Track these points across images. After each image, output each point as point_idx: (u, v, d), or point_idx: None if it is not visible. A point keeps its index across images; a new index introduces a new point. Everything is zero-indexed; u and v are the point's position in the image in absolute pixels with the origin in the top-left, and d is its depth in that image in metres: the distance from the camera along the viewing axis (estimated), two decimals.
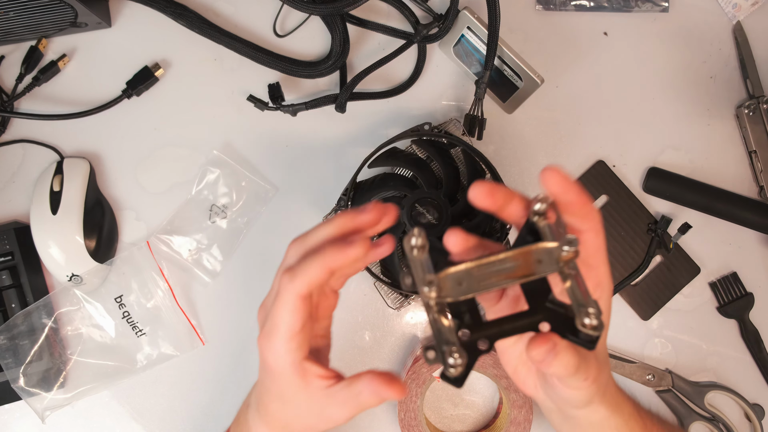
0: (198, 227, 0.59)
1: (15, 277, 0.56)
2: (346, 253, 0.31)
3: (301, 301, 0.32)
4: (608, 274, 0.34)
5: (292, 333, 0.32)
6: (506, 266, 0.30)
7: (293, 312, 0.32)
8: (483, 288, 0.30)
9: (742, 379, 0.60)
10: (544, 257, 0.30)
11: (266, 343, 0.33)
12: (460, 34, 0.58)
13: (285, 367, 0.33)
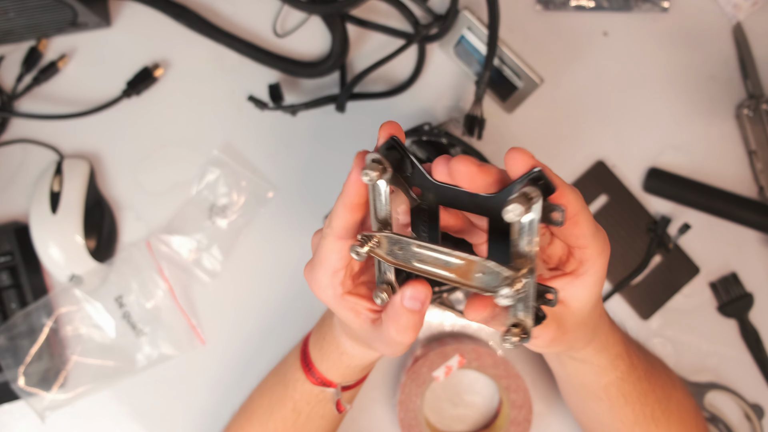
0: (198, 227, 0.59)
1: (15, 277, 0.56)
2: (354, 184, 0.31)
3: (340, 242, 0.33)
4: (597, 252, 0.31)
5: (334, 269, 0.34)
6: (448, 262, 0.29)
7: (333, 252, 0.33)
8: (416, 269, 0.30)
9: (742, 379, 0.60)
10: (488, 276, 0.28)
11: (310, 275, 0.35)
12: (460, 35, 0.58)
13: (328, 299, 0.35)
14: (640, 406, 0.42)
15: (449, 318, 0.60)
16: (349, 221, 0.33)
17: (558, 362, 0.42)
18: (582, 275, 0.32)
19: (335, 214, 0.33)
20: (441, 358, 0.55)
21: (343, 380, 0.43)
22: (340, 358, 0.42)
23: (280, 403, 0.45)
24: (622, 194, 0.60)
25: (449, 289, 0.56)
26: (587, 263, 0.32)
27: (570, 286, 0.32)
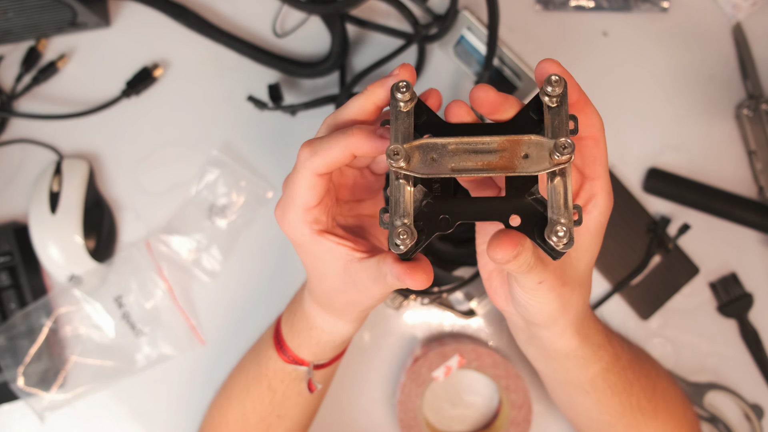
0: (197, 227, 0.59)
1: (14, 277, 0.56)
2: (373, 144, 0.30)
3: (317, 178, 0.31)
4: (606, 188, 0.32)
5: (307, 207, 0.32)
6: (488, 152, 0.27)
7: (309, 188, 0.31)
8: (455, 171, 0.27)
9: (742, 379, 0.60)
10: (533, 153, 0.27)
11: (281, 215, 0.33)
12: (460, 35, 0.58)
13: (304, 239, 0.33)
14: (626, 397, 0.42)
15: (449, 318, 0.60)
16: (342, 160, 0.31)
17: (544, 360, 0.42)
18: (588, 213, 0.32)
19: (327, 147, 0.30)
20: (441, 358, 0.55)
21: (314, 358, 0.42)
22: (309, 333, 0.40)
23: (255, 381, 0.44)
24: (621, 194, 0.60)
25: (449, 289, 0.56)
26: (595, 199, 0.32)
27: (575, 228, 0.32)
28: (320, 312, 0.39)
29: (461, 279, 0.56)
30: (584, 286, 0.35)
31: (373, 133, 0.30)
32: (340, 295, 0.35)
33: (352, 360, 0.60)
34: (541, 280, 0.31)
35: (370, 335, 0.60)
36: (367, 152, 0.30)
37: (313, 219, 0.33)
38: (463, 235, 0.57)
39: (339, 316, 0.39)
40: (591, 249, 0.34)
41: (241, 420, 0.45)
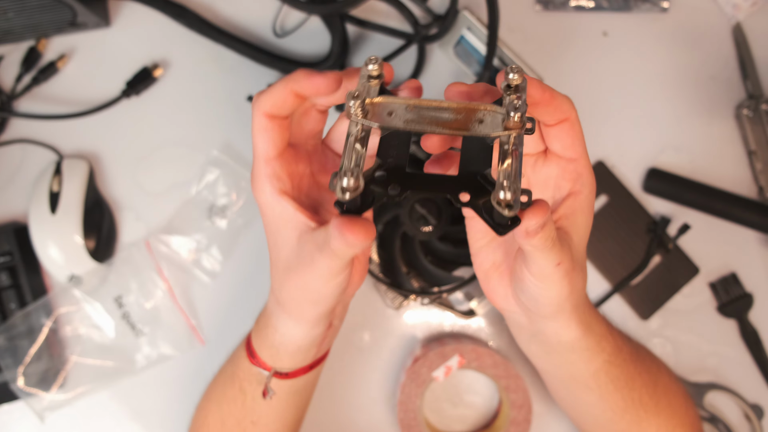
0: (197, 227, 0.59)
1: (14, 277, 0.56)
2: (312, 80, 0.31)
3: (267, 119, 0.32)
4: (588, 167, 0.33)
5: (266, 157, 0.32)
6: (444, 113, 0.28)
7: (261, 131, 0.32)
8: (409, 125, 0.28)
9: (742, 379, 0.60)
10: (488, 119, 0.28)
11: (252, 178, 0.34)
12: (460, 35, 0.58)
13: (266, 198, 0.33)
14: (628, 392, 0.41)
15: (449, 318, 0.60)
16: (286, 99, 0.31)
17: (547, 357, 0.41)
18: (579, 192, 0.33)
19: (271, 89, 0.32)
20: (441, 358, 0.55)
21: (272, 362, 0.40)
22: (266, 333, 0.39)
23: (230, 381, 0.43)
24: (621, 194, 0.60)
25: (449, 289, 0.56)
26: (582, 178, 0.33)
27: (570, 210, 0.33)
28: (275, 308, 0.38)
29: (461, 279, 0.56)
30: (583, 270, 0.35)
31: (314, 72, 0.31)
32: (291, 276, 0.34)
33: (352, 360, 0.60)
34: (560, 260, 0.31)
35: (370, 335, 0.60)
36: (306, 88, 0.31)
37: (273, 173, 0.33)
38: (463, 236, 0.57)
39: (290, 312, 0.37)
40: (587, 227, 0.34)
41: (219, 422, 0.45)
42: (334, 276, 0.32)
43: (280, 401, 0.43)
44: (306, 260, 0.32)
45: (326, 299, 0.34)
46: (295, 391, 0.43)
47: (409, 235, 0.55)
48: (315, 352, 0.40)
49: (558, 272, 0.32)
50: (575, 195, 0.33)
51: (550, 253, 0.30)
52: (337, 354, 0.59)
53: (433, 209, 0.54)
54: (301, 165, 0.35)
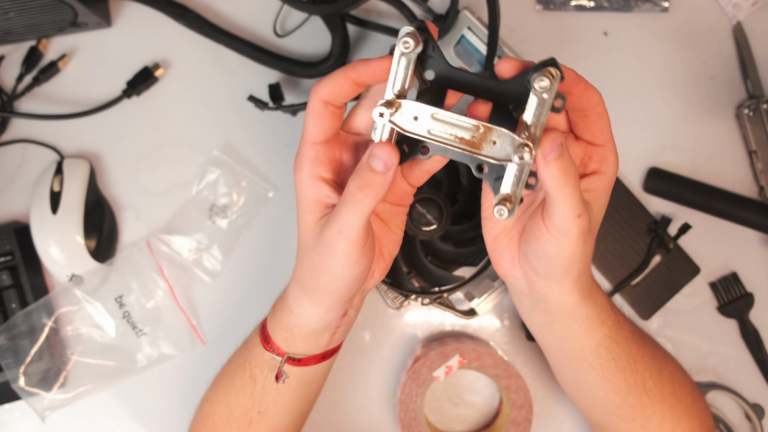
0: (198, 227, 0.59)
1: (15, 277, 0.56)
2: (370, 66, 0.32)
3: (322, 104, 0.34)
4: (614, 151, 0.36)
5: (313, 139, 0.35)
6: (464, 129, 0.31)
7: (314, 115, 0.34)
8: (430, 137, 0.31)
9: (742, 379, 0.60)
10: (500, 142, 0.30)
11: (297, 155, 0.36)
12: (460, 34, 0.58)
13: (303, 178, 0.35)
14: (631, 373, 0.42)
15: (450, 318, 0.60)
16: (344, 87, 0.33)
17: (548, 329, 0.42)
18: (605, 173, 0.35)
19: (330, 76, 0.33)
20: (441, 358, 0.55)
21: (287, 346, 0.40)
22: (282, 314, 0.40)
23: (240, 369, 0.44)
24: (622, 194, 0.60)
25: (450, 289, 0.56)
26: (608, 162, 0.35)
27: (592, 186, 0.35)
28: (294, 290, 0.39)
29: (462, 279, 0.56)
30: (593, 242, 0.37)
31: (371, 59, 0.33)
32: (310, 256, 0.36)
33: (353, 360, 0.60)
34: (581, 213, 0.33)
35: (371, 335, 0.60)
36: (365, 75, 0.33)
37: (315, 157, 0.35)
38: (464, 236, 0.57)
39: (307, 294, 0.38)
40: (605, 204, 0.36)
41: (225, 411, 0.45)
42: (351, 257, 0.34)
43: (290, 391, 0.43)
44: (325, 241, 0.34)
45: (342, 283, 0.36)
46: (305, 382, 0.43)
47: (410, 235, 0.55)
48: (328, 339, 0.41)
49: (577, 227, 0.33)
50: (600, 174, 0.36)
51: (572, 199, 0.32)
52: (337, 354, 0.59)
53: (433, 209, 0.54)
54: (346, 154, 0.37)
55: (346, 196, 0.32)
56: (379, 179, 0.32)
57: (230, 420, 0.45)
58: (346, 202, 0.32)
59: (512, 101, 0.32)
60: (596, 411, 0.46)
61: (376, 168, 0.31)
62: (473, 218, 0.56)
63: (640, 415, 0.43)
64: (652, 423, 0.43)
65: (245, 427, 0.44)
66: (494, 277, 0.57)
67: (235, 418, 0.44)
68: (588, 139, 0.36)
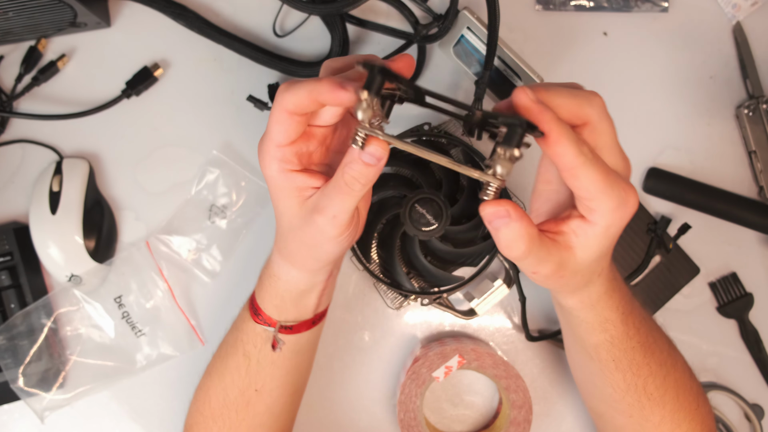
0: (197, 227, 0.59)
1: (14, 277, 0.56)
2: (335, 94, 0.32)
3: (286, 115, 0.34)
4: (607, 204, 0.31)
5: (278, 143, 0.35)
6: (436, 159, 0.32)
7: (278, 123, 0.34)
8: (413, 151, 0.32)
9: (742, 379, 0.60)
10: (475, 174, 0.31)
11: (259, 148, 0.36)
12: (460, 34, 0.58)
13: (271, 173, 0.36)
14: (631, 376, 0.42)
15: (449, 318, 0.60)
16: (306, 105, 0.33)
17: (560, 311, 0.43)
18: (594, 224, 0.32)
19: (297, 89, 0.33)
20: (441, 358, 0.55)
21: (278, 315, 0.42)
22: (269, 283, 0.42)
23: (233, 349, 0.45)
24: None
25: (449, 289, 0.56)
26: (595, 214, 0.32)
27: (580, 230, 0.33)
28: (278, 258, 0.41)
29: (461, 279, 0.56)
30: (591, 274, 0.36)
31: (339, 84, 0.32)
32: (295, 235, 0.37)
33: (352, 360, 0.60)
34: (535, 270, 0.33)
35: (371, 335, 0.60)
36: (328, 100, 0.32)
37: (283, 157, 0.35)
38: (464, 236, 0.57)
39: (292, 262, 0.40)
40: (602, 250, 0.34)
41: (222, 395, 0.45)
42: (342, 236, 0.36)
43: (284, 361, 0.44)
44: (307, 221, 0.36)
45: (331, 255, 0.38)
46: (298, 351, 0.44)
47: (409, 235, 0.55)
48: (316, 302, 0.43)
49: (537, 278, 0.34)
50: (587, 222, 0.33)
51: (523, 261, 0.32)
52: (337, 354, 0.59)
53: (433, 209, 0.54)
54: (312, 144, 0.37)
55: (340, 185, 0.33)
56: (372, 171, 0.33)
57: (227, 402, 0.45)
58: (340, 190, 0.34)
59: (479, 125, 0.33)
60: (595, 398, 0.47)
61: (368, 162, 0.32)
62: (473, 218, 0.56)
63: (638, 414, 0.43)
64: (649, 423, 0.44)
65: (243, 408, 0.45)
66: (494, 278, 0.57)
67: (232, 400, 0.45)
68: (576, 193, 0.32)
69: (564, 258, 0.33)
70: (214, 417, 0.46)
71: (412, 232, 0.54)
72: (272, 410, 0.46)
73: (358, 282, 0.59)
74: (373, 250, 0.57)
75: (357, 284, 0.59)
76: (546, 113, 0.29)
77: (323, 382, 0.59)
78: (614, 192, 0.31)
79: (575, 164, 0.30)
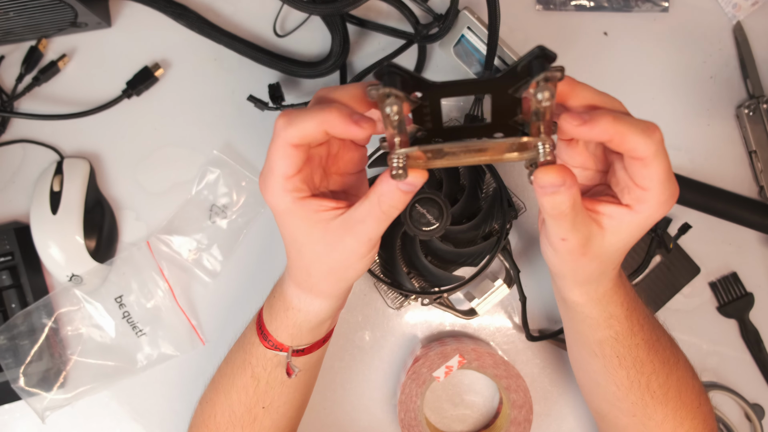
0: (198, 227, 0.59)
1: (15, 277, 0.56)
2: (348, 128, 0.31)
3: (292, 149, 0.32)
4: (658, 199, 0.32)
5: (285, 176, 0.33)
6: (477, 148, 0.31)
7: (284, 158, 0.32)
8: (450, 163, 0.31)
9: (742, 379, 0.60)
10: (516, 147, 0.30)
11: (263, 184, 0.34)
12: (460, 34, 0.58)
13: (285, 206, 0.34)
14: (635, 373, 0.42)
15: (449, 318, 0.60)
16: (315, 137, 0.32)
17: (563, 307, 0.43)
18: (638, 213, 0.33)
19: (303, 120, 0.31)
20: (441, 358, 0.55)
21: (292, 342, 0.41)
22: (286, 314, 0.40)
23: (240, 370, 0.44)
24: None
25: (450, 289, 0.56)
26: (644, 205, 0.33)
27: (616, 215, 0.33)
28: (296, 291, 0.39)
29: (462, 279, 0.56)
30: (607, 264, 0.36)
31: (350, 116, 0.31)
32: (321, 263, 0.36)
33: (353, 360, 0.60)
34: (565, 237, 0.33)
35: (371, 335, 0.60)
36: (340, 134, 0.31)
37: (293, 187, 0.33)
38: (464, 236, 0.57)
39: (316, 293, 0.39)
40: (629, 240, 0.35)
41: (228, 412, 0.45)
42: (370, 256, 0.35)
43: (293, 381, 0.44)
44: (337, 245, 0.34)
45: (357, 272, 0.37)
46: (308, 369, 0.44)
47: (410, 235, 0.55)
48: (330, 325, 0.43)
49: (561, 247, 0.34)
50: (632, 211, 0.33)
51: (558, 227, 0.32)
52: (337, 354, 0.59)
53: (433, 209, 0.54)
54: (314, 164, 0.36)
55: (376, 213, 0.32)
56: (406, 198, 0.32)
57: (233, 419, 0.45)
58: (376, 217, 0.33)
59: (508, 86, 0.31)
60: (598, 397, 0.46)
61: (406, 190, 0.31)
62: (473, 218, 0.56)
63: (641, 412, 0.43)
64: (652, 421, 0.44)
65: (249, 425, 0.44)
66: (494, 278, 0.57)
67: (239, 417, 0.44)
68: (629, 174, 0.33)
69: (593, 234, 0.33)
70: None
71: (412, 232, 0.54)
72: (278, 425, 0.46)
73: (359, 282, 0.59)
74: None
75: (357, 284, 0.59)
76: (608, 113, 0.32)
77: (323, 382, 0.59)
78: (670, 187, 0.32)
79: (649, 153, 0.31)
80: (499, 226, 0.56)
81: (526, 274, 0.59)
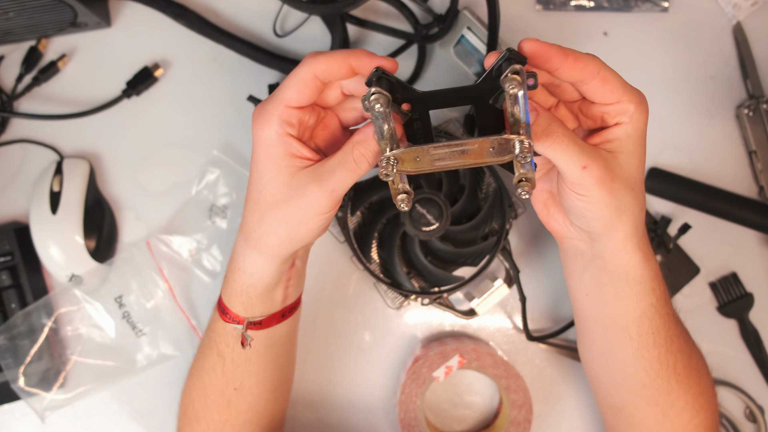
0: (198, 227, 0.59)
1: (15, 277, 0.56)
2: (371, 59, 0.33)
3: (311, 79, 0.34)
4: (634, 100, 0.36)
5: (288, 103, 0.34)
6: (460, 150, 0.33)
7: (299, 83, 0.34)
8: (438, 168, 0.33)
9: (742, 379, 0.60)
10: (497, 147, 0.32)
11: (259, 109, 0.35)
12: (460, 34, 0.58)
13: (269, 135, 0.35)
14: (665, 352, 0.41)
15: (449, 318, 0.60)
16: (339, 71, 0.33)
17: (598, 292, 0.41)
18: (626, 123, 0.35)
19: (330, 54, 0.33)
20: (441, 358, 0.55)
21: (245, 312, 0.41)
22: (233, 278, 0.40)
23: (208, 350, 0.44)
24: None
25: (450, 289, 0.56)
26: (627, 114, 0.35)
27: (612, 135, 0.35)
28: (243, 247, 0.39)
29: (461, 279, 0.56)
30: (637, 190, 0.36)
31: (372, 54, 0.33)
32: (278, 209, 0.36)
33: (353, 360, 0.60)
34: (585, 164, 0.34)
35: (371, 335, 0.60)
36: (364, 66, 0.33)
37: (287, 119, 0.35)
38: (464, 236, 0.57)
39: (261, 248, 0.38)
40: (638, 153, 0.36)
41: (202, 396, 0.45)
42: (331, 212, 0.36)
43: (259, 357, 0.43)
44: (300, 192, 0.35)
45: (307, 234, 0.37)
46: (272, 345, 0.44)
47: (409, 235, 0.55)
48: (282, 295, 0.42)
49: (588, 178, 0.34)
50: (621, 125, 0.36)
51: (567, 154, 0.33)
52: (337, 354, 0.59)
53: (433, 209, 0.54)
54: (312, 118, 0.37)
55: (347, 160, 0.34)
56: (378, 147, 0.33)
57: (208, 404, 0.45)
58: (346, 166, 0.34)
59: (489, 96, 0.33)
60: (619, 390, 0.45)
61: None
62: (473, 218, 0.56)
63: (664, 400, 0.43)
64: (673, 410, 0.43)
65: (225, 409, 0.44)
66: (494, 278, 0.57)
67: (213, 401, 0.44)
68: (600, 101, 0.36)
69: (608, 160, 0.35)
70: (198, 419, 0.45)
71: (412, 232, 0.54)
72: (255, 407, 0.45)
73: (359, 282, 0.59)
74: (373, 250, 0.57)
75: (357, 284, 0.59)
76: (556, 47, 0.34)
77: (323, 382, 0.59)
78: (635, 90, 0.37)
79: (599, 67, 0.35)
80: (498, 226, 0.56)
81: (526, 274, 0.59)
